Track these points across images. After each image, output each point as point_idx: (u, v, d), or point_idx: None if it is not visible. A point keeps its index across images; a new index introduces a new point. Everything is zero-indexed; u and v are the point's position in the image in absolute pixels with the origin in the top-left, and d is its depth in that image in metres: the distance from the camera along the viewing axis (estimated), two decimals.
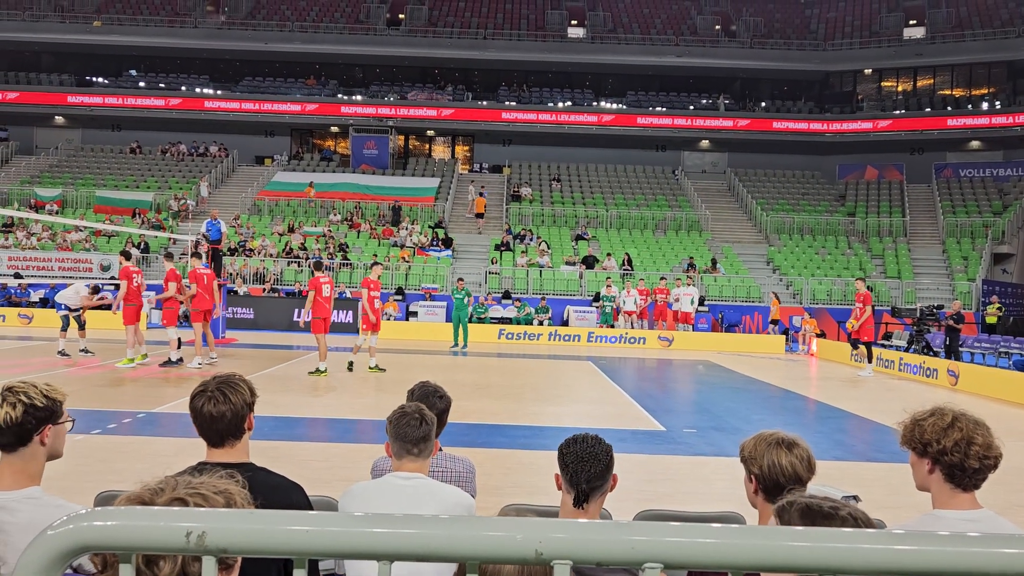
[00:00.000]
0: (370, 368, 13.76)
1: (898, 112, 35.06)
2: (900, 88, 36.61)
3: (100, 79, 37.24)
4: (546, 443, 8.58)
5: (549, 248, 27.90)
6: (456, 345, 19.70)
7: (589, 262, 26.78)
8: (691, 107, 36.67)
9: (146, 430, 8.40)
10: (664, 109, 36.37)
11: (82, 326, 14.93)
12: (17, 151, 36.10)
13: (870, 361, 16.89)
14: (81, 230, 27.24)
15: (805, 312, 24.17)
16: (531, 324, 23.12)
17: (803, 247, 29.46)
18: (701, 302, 23.91)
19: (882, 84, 36.89)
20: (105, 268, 25.42)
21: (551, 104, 36.43)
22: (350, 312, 22.54)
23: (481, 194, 31.41)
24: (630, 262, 26.81)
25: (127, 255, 14.23)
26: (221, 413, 2.46)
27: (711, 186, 35.17)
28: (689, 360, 19.14)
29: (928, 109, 34.48)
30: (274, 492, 2.41)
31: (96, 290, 15.08)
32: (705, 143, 36.86)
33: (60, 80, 36.58)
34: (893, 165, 35.39)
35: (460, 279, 21.06)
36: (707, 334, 23.02)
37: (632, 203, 32.80)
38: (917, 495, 2.58)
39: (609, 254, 27.16)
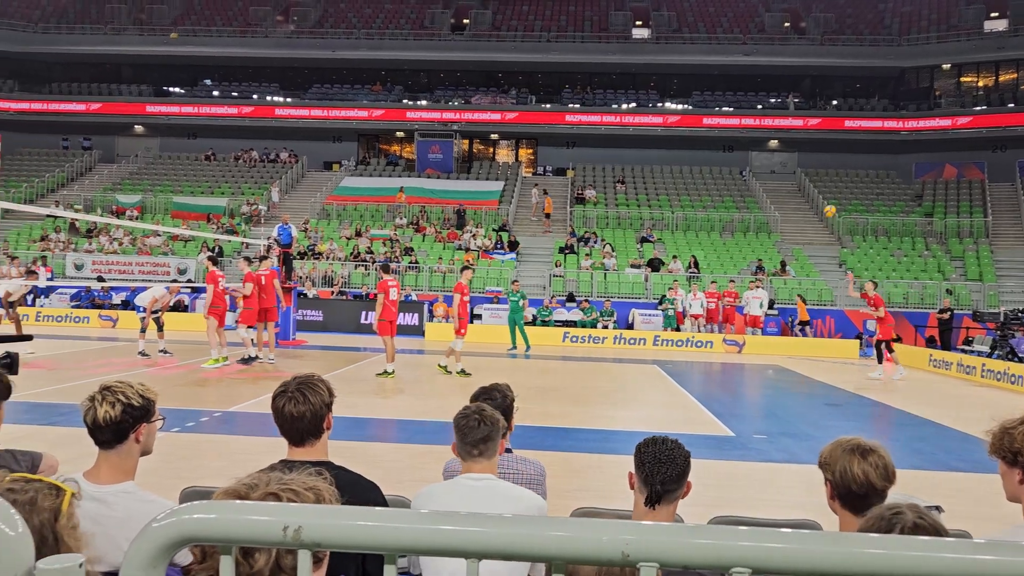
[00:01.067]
0: (457, 372, 13.73)
1: (979, 108, 33.70)
2: (981, 83, 35.18)
3: (177, 89, 38.61)
4: (613, 447, 8.53)
5: (614, 251, 27.74)
6: (513, 348, 19.72)
7: (654, 264, 26.52)
8: (759, 106, 35.98)
9: (223, 428, 8.66)
10: (731, 109, 35.78)
11: (161, 327, 15.46)
12: (100, 160, 37.67)
13: (880, 361, 16.47)
14: (159, 235, 28.26)
15: None
16: (596, 327, 23.00)
17: (877, 249, 28.58)
18: (770, 305, 23.41)
19: (961, 79, 35.52)
20: (182, 271, 26.30)
21: (615, 106, 36.22)
22: (415, 315, 22.81)
23: (547, 193, 31.45)
24: (696, 264, 26.45)
25: (214, 260, 14.69)
26: (301, 413, 2.52)
27: (780, 187, 34.43)
28: (758, 364, 18.77)
29: (1011, 105, 33.04)
30: (353, 490, 2.45)
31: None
32: (774, 143, 36.12)
33: (139, 91, 38.04)
34: (973, 163, 34.03)
35: (515, 281, 21.13)
36: (776, 338, 22.53)
37: (698, 204, 32.36)
38: (1005, 506, 2.48)
39: (675, 256, 26.84)
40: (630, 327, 23.54)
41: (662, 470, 2.40)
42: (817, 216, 31.89)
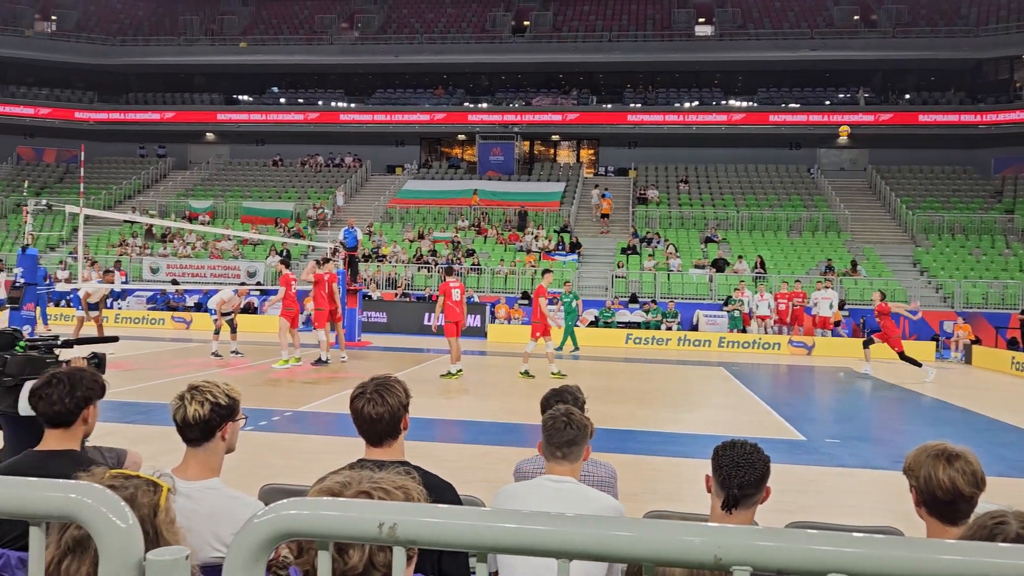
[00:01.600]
0: (553, 374, 13.63)
1: None
2: None
3: (246, 97, 39.69)
4: (680, 449, 8.43)
5: (677, 251, 27.41)
6: (559, 348, 19.70)
7: (719, 265, 26.10)
8: (827, 102, 35.07)
9: (294, 427, 8.85)
10: (798, 105, 34.96)
11: (234, 329, 15.89)
12: (173, 167, 38.98)
13: (918, 364, 15.75)
14: (230, 239, 29.08)
15: (958, 317, 22.58)
16: (659, 329, 22.76)
17: (954, 247, 27.55)
18: (841, 306, 22.80)
19: None
20: (251, 274, 26.99)
21: (678, 104, 35.80)
22: (477, 316, 22.92)
23: (605, 195, 31.24)
24: (763, 265, 25.93)
25: (286, 263, 15.04)
26: (380, 415, 2.57)
27: (850, 184, 33.50)
28: (829, 367, 18.30)
29: None
30: (430, 489, 2.48)
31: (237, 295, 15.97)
32: (843, 139, 35.18)
33: (210, 99, 39.24)
34: None
35: (567, 281, 21.08)
36: (847, 339, 21.91)
37: (764, 203, 31.73)
38: None
39: (740, 256, 26.37)
40: (694, 328, 23.23)
41: (740, 474, 2.37)
42: (890, 214, 30.94)
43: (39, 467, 2.45)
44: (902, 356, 15.74)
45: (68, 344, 3.99)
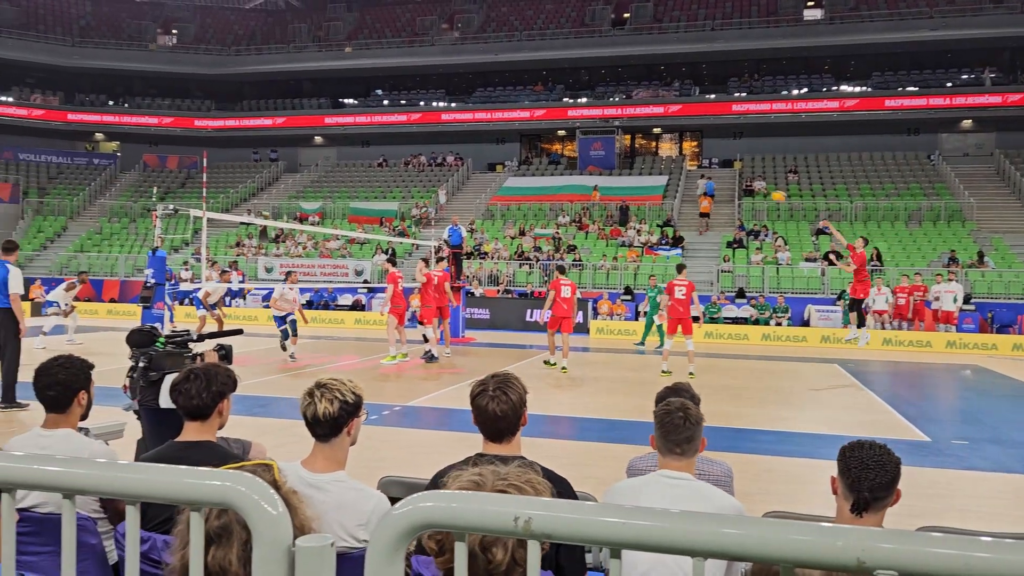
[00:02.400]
0: (662, 372, 13.52)
1: None
2: None
3: (351, 100, 40.94)
4: (793, 449, 8.17)
5: (786, 244, 26.52)
6: (642, 343, 19.45)
7: (832, 258, 25.09)
8: (949, 84, 33.15)
9: (404, 422, 9.07)
10: (916, 89, 33.17)
11: (295, 332, 15.43)
12: (285, 170, 40.62)
13: (860, 325, 14.67)
14: (338, 238, 30.07)
15: None
16: (768, 324, 22.10)
17: None
18: (966, 300, 21.52)
19: None
20: (358, 273, 27.83)
21: (785, 92, 34.60)
22: (580, 312, 22.83)
23: (705, 193, 30.50)
24: (879, 257, 24.72)
25: (393, 261, 15.41)
26: (504, 412, 2.61)
27: (976, 171, 31.53)
28: (953, 364, 17.32)
29: None
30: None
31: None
32: (967, 123, 33.16)
33: (318, 104, 40.68)
34: None
35: (652, 275, 20.85)
36: (974, 335, 20.66)
37: (880, 193, 30.28)
38: None
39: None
40: (806, 324, 22.44)
41: (870, 476, 2.27)
42: (1020, 201, 28.97)
43: (181, 457, 2.60)
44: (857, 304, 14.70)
45: (200, 339, 4.23)
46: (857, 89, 33.96)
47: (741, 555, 1.05)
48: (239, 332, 5.07)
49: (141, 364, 3.78)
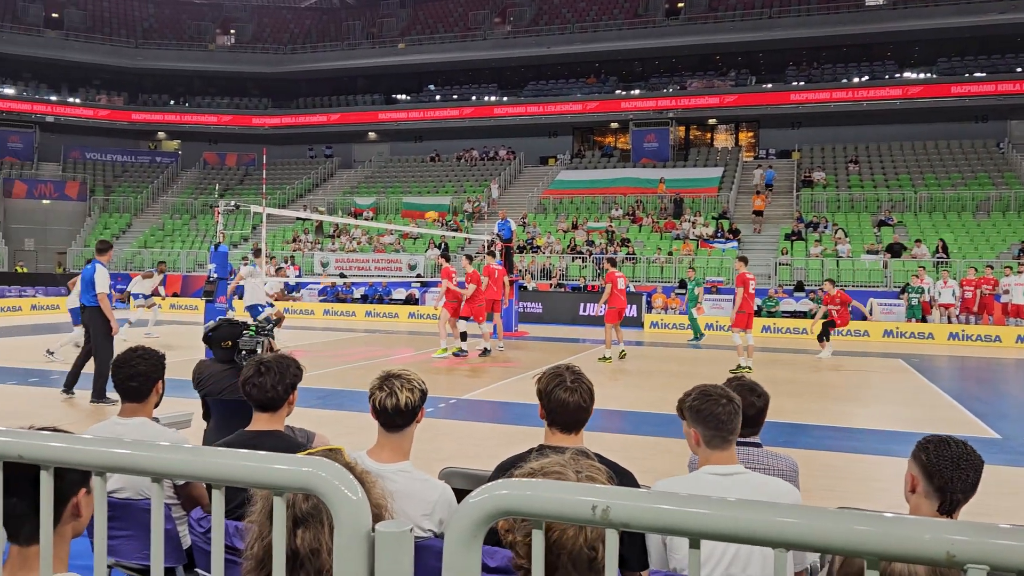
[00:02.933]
0: (740, 367, 13.37)
1: None
2: None
3: (404, 96, 41.31)
4: (855, 445, 7.99)
5: (847, 235, 25.90)
6: (697, 337, 19.17)
7: (895, 250, 24.43)
8: (1019, 69, 31.91)
9: (459, 414, 9.14)
10: (984, 75, 32.04)
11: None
12: (339, 166, 41.22)
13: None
14: (391, 233, 30.39)
15: None
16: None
17: None
18: None
19: None
20: (412, 267, 28.09)
21: (845, 80, 33.76)
22: (633, 306, 22.64)
23: (759, 192, 29.88)
24: (945, 249, 24.00)
25: (447, 256, 15.55)
26: (585, 403, 2.61)
27: None
28: None
29: None
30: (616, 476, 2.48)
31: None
32: None
33: (372, 100, 41.14)
34: None
35: (691, 268, 20.66)
36: None
37: (946, 183, 29.34)
38: None
39: (919, 240, 24.55)
40: (867, 318, 21.87)
41: (962, 475, 2.18)
42: None
43: (252, 446, 2.66)
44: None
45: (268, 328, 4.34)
46: (921, 76, 32.97)
47: (826, 547, 1.03)
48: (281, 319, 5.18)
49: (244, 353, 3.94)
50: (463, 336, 14.44)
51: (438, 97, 40.61)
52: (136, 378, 3.12)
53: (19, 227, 35.41)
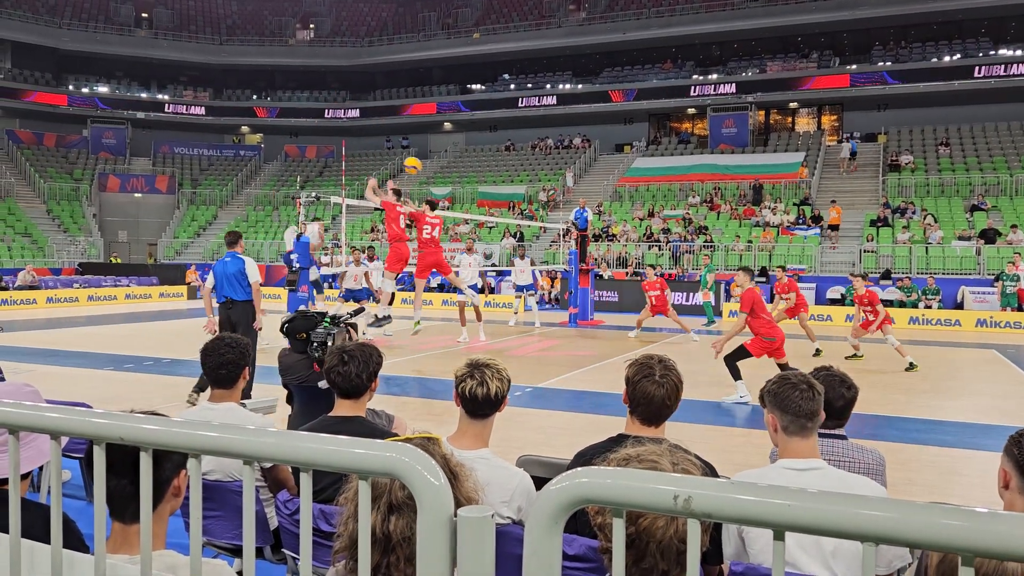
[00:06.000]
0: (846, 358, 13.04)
1: None
2: None
3: (478, 86, 41.47)
4: (945, 439, 7.70)
5: (936, 221, 24.83)
6: (710, 322, 18.98)
7: (989, 236, 23.30)
8: None
9: (535, 403, 9.17)
10: None
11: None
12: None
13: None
14: (468, 223, 30.62)
15: None
16: (916, 307, 20.81)
17: None
18: None
19: None
20: (488, 256, 28.25)
21: (935, 60, 32.27)
22: (713, 295, 22.27)
23: (850, 155, 28.76)
24: None
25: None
26: (670, 402, 2.60)
27: None
28: None
29: None
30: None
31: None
32: None
33: (447, 91, 41.46)
34: None
35: (707, 255, 20.30)
36: None
37: None
38: None
39: (1015, 226, 23.35)
40: (959, 307, 20.98)
41: None
42: None
43: (336, 431, 2.74)
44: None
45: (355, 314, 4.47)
46: (1018, 53, 31.21)
47: (917, 542, 1.00)
48: (362, 310, 5.31)
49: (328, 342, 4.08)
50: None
51: (513, 86, 40.61)
52: (226, 366, 3.25)
53: (113, 220, 37.11)
